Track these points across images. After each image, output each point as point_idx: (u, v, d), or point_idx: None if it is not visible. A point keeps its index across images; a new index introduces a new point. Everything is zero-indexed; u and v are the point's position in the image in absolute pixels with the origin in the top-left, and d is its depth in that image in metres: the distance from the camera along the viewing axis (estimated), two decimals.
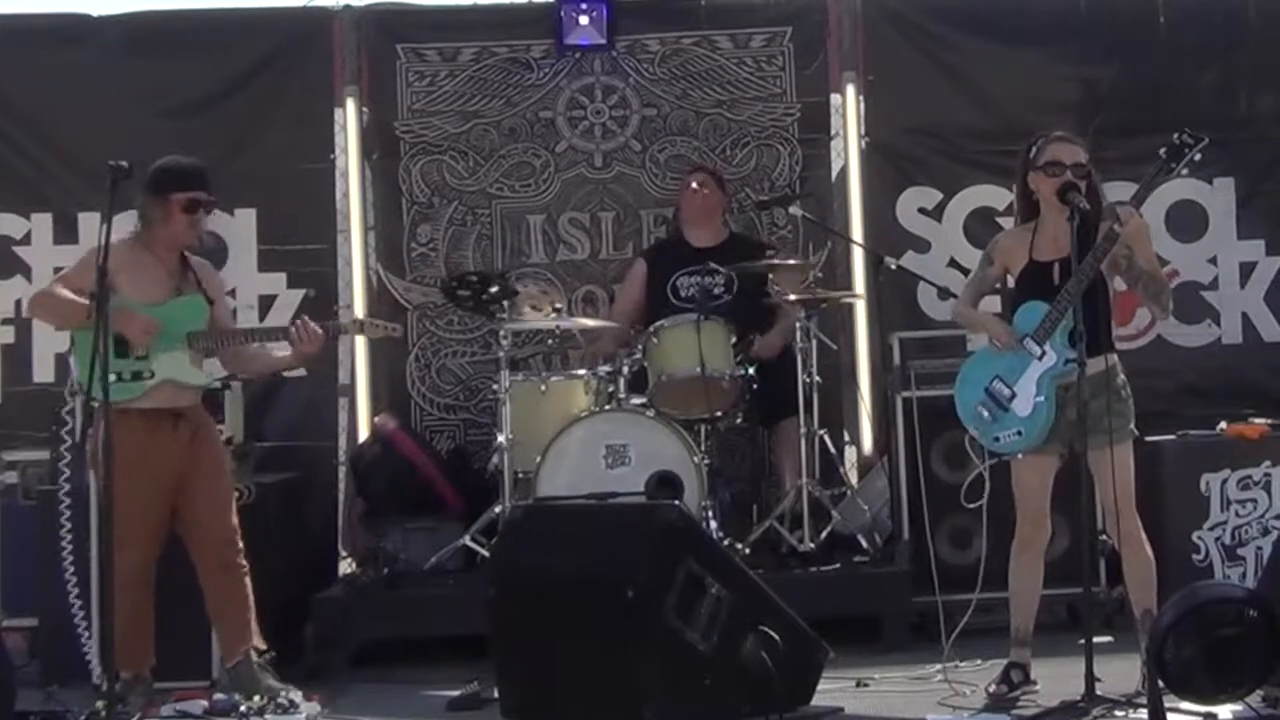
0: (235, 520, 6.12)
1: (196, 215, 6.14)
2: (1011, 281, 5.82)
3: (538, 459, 6.83)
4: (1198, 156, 5.60)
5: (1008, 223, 6.01)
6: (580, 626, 5.28)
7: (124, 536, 5.65)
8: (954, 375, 5.96)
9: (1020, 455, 5.73)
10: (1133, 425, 5.73)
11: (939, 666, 6.01)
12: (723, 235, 7.70)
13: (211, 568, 6.05)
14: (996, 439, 5.75)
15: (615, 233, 8.08)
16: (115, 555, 5.53)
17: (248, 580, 6.08)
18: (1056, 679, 5.66)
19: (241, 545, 6.10)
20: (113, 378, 5.61)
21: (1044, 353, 5.62)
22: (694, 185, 7.63)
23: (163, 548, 6.03)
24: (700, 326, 6.96)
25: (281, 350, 6.26)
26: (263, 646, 6.05)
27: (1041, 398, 5.63)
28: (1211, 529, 6.88)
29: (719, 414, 7.06)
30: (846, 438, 7.90)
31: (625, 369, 7.13)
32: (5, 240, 7.86)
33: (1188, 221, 7.77)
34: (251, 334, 6.44)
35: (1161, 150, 5.61)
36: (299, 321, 6.23)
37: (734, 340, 7.06)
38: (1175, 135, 5.60)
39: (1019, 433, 5.69)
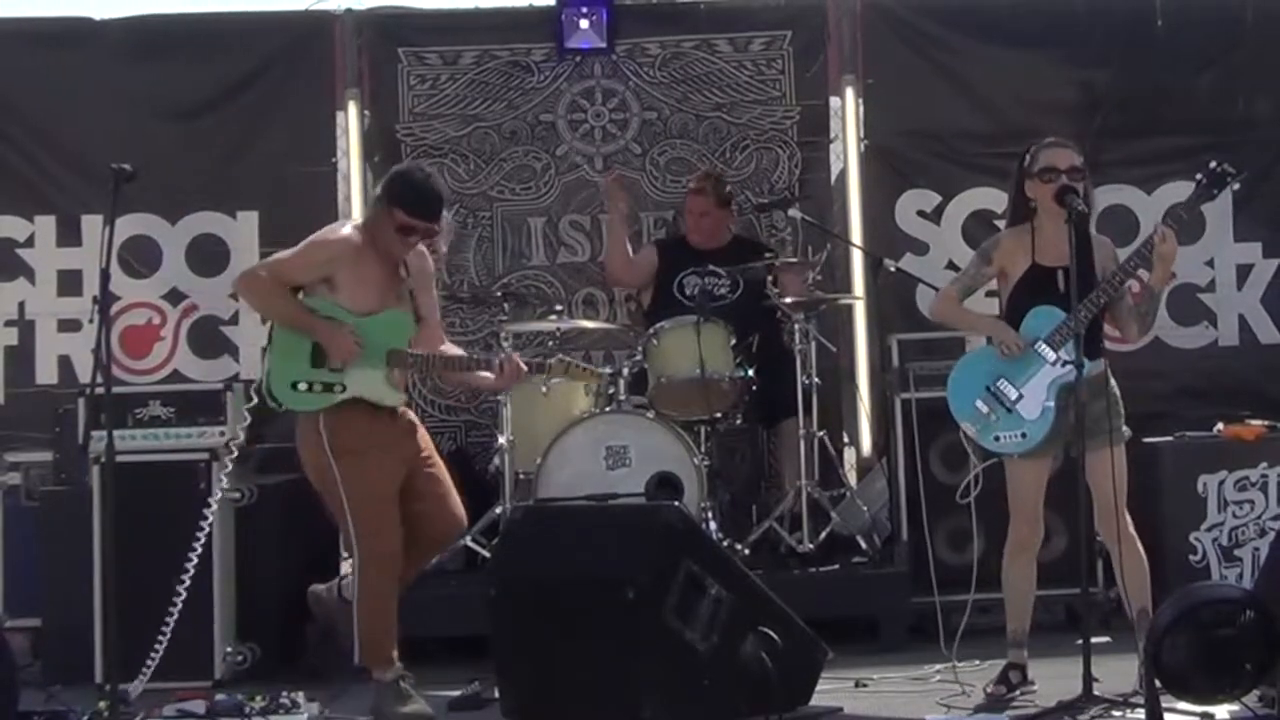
0: (462, 510, 6.00)
1: (410, 239, 5.81)
2: (1008, 283, 5.84)
3: (538, 460, 6.86)
4: (1236, 185, 5.72)
5: None
6: (580, 627, 5.30)
7: (378, 524, 5.65)
8: None
9: (1016, 456, 5.75)
10: (1124, 425, 5.77)
11: (938, 666, 6.04)
12: (726, 238, 7.70)
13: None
14: (997, 438, 5.74)
15: None
16: (372, 543, 5.59)
17: None
18: (1054, 679, 5.67)
19: None
20: (303, 386, 5.68)
21: (1058, 358, 5.63)
22: (698, 211, 7.62)
23: None
24: (700, 328, 6.98)
25: (485, 374, 6.02)
26: None
27: (1051, 403, 5.64)
28: (1208, 530, 6.89)
29: (718, 415, 7.08)
30: (845, 439, 7.92)
31: (625, 370, 7.16)
32: (8, 242, 7.88)
33: (1185, 224, 7.72)
34: (452, 362, 6.01)
35: (1199, 175, 5.70)
36: (503, 355, 6.02)
37: (733, 342, 7.09)
38: (1211, 163, 5.68)
39: (1023, 435, 5.70)
